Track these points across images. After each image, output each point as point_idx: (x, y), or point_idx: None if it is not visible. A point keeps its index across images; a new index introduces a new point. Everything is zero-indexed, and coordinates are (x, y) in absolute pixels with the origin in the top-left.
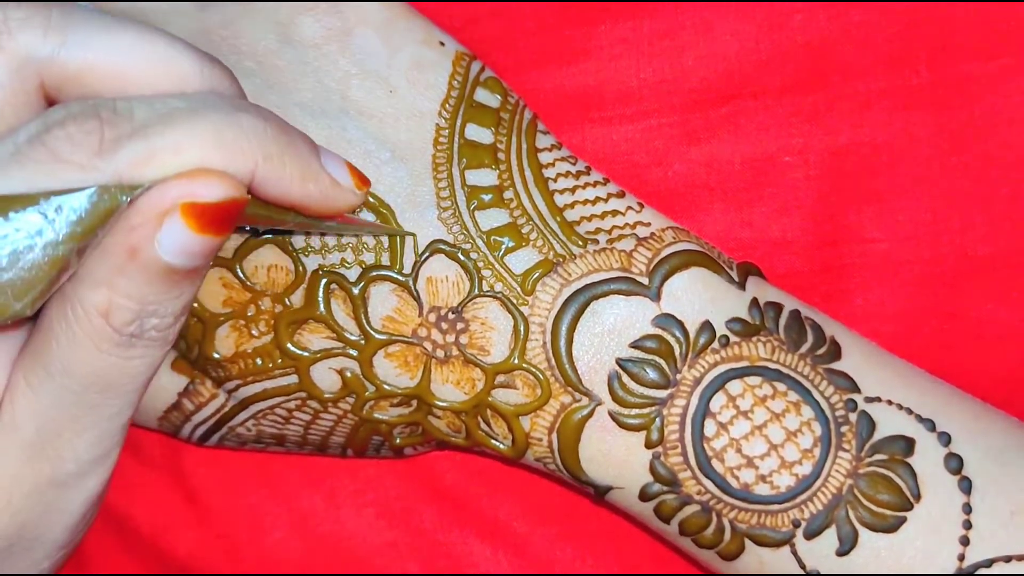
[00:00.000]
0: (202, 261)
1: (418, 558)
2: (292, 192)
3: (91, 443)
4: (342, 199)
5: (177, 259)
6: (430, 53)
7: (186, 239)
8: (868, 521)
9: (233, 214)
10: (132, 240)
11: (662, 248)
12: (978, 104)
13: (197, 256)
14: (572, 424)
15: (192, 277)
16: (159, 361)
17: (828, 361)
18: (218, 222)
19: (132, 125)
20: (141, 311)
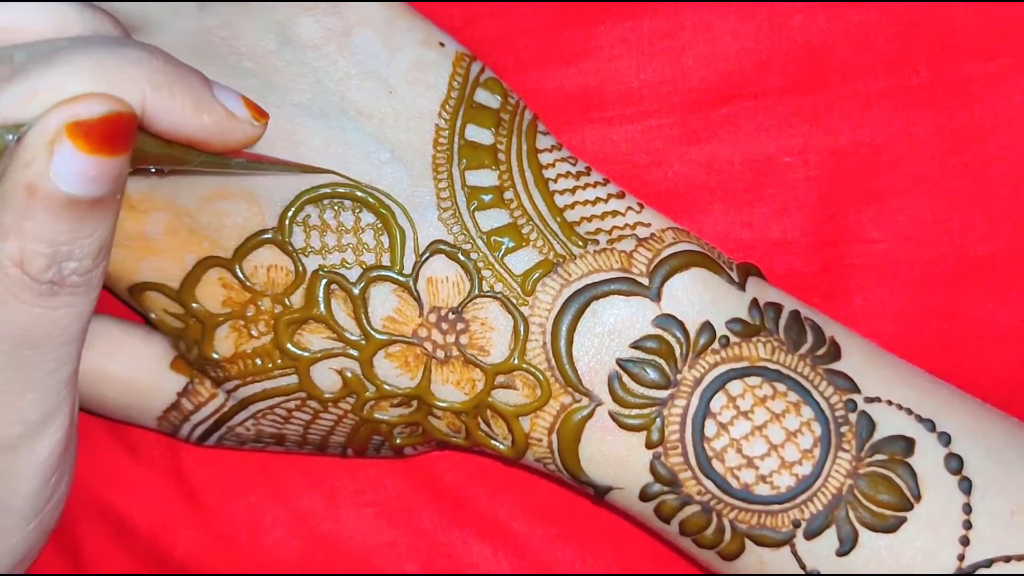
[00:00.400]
0: (104, 188)
1: (418, 558)
2: (186, 124)
3: (35, 402)
4: (239, 130)
5: (76, 187)
6: (430, 53)
7: (79, 163)
8: (868, 521)
9: (122, 130)
10: (27, 177)
11: (662, 249)
12: (978, 104)
13: (96, 182)
14: (572, 424)
15: (100, 209)
16: (87, 310)
17: (828, 361)
18: (107, 139)
19: (11, 68)
20: (55, 254)
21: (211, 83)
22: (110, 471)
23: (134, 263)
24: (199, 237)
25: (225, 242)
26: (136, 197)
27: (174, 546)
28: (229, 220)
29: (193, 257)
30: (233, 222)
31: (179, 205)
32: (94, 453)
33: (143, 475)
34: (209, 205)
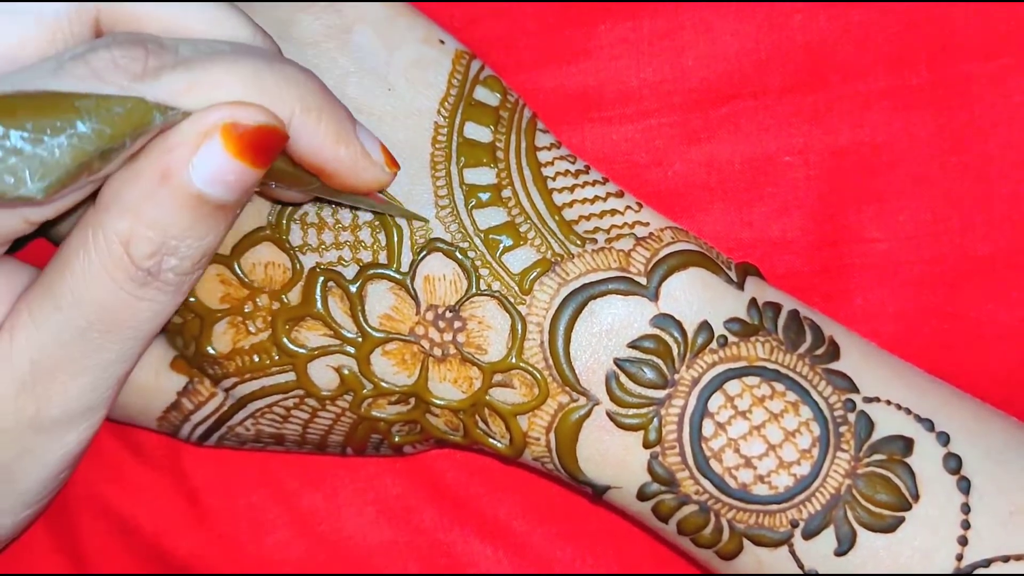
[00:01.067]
0: (232, 196)
1: (418, 557)
2: (324, 151)
3: (83, 389)
4: (370, 172)
5: (209, 187)
6: (429, 51)
7: (222, 164)
8: (866, 521)
9: (272, 145)
10: (166, 162)
11: (660, 248)
12: (978, 104)
13: (230, 187)
14: (570, 424)
15: (219, 215)
16: (167, 312)
17: (827, 361)
18: (256, 149)
19: (176, 58)
20: (163, 245)
21: (356, 122)
22: (112, 471)
23: None
24: None
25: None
26: None
27: (176, 546)
28: None
29: None
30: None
31: None
32: (96, 453)
33: (145, 475)
34: None
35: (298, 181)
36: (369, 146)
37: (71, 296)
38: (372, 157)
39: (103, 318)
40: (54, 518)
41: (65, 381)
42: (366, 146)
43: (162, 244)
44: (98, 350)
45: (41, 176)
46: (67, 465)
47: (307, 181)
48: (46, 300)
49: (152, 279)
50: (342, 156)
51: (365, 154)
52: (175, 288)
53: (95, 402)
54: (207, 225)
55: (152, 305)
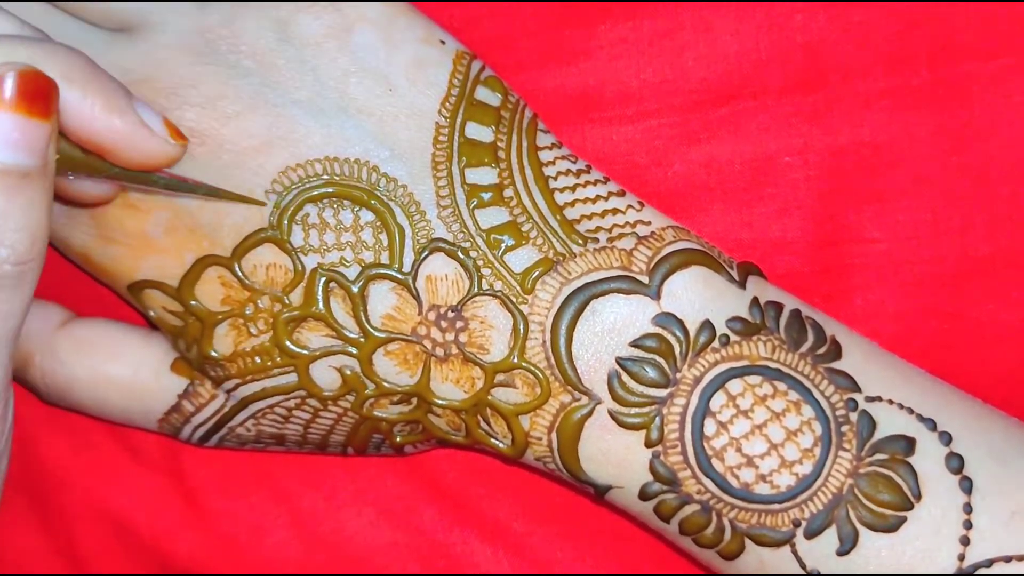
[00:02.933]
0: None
1: (418, 558)
2: (96, 122)
3: None
4: (152, 144)
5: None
6: (430, 51)
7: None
8: (868, 521)
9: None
10: None
11: (662, 247)
12: (978, 104)
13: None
14: (572, 423)
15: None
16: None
17: (829, 360)
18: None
19: None
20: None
21: (133, 96)
22: (111, 473)
23: (134, 261)
24: (199, 236)
25: (224, 240)
26: (136, 196)
27: (175, 547)
28: (228, 219)
29: (192, 255)
30: (232, 221)
31: (179, 204)
32: (95, 455)
33: (144, 477)
34: (209, 204)
35: (90, 167)
36: (148, 118)
37: None
38: (152, 129)
39: None
40: (52, 521)
41: None
42: (144, 118)
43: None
44: None
45: None
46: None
47: (99, 166)
48: None
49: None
50: (117, 127)
51: (142, 124)
52: (17, 279)
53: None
54: (22, 199)
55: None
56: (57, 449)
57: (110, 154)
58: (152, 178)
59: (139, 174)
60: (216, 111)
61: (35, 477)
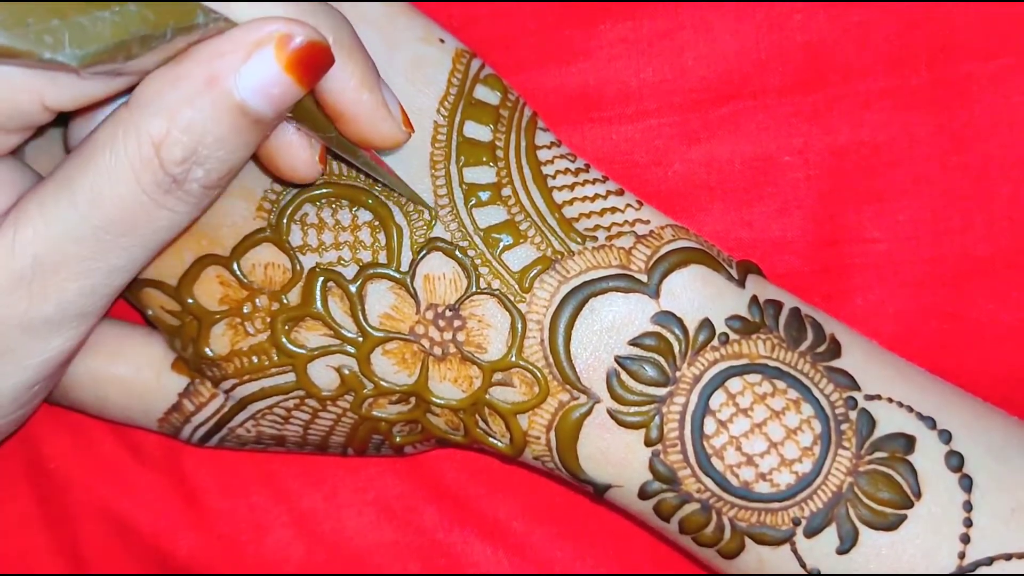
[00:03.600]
0: (274, 111)
1: (418, 557)
2: (348, 92)
3: (82, 292)
4: (387, 126)
5: (253, 98)
6: (429, 50)
7: (271, 75)
8: (868, 519)
9: (320, 64)
10: (214, 67)
11: (661, 245)
12: (978, 104)
13: (273, 101)
14: (570, 422)
15: (255, 130)
16: (182, 225)
17: (828, 359)
18: (306, 66)
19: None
20: (194, 152)
21: (381, 78)
22: (112, 472)
23: None
24: (197, 235)
25: (223, 240)
26: None
27: (176, 547)
28: (228, 218)
29: (191, 254)
30: (231, 220)
31: None
32: (95, 454)
33: (145, 476)
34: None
35: (317, 124)
36: (391, 101)
37: (91, 192)
38: (391, 111)
39: (121, 219)
40: (53, 520)
41: (66, 280)
42: (388, 100)
43: (194, 151)
44: (107, 252)
45: (80, 44)
46: (45, 375)
47: (325, 126)
48: (61, 195)
49: (176, 187)
50: (364, 101)
51: (385, 105)
52: (196, 200)
53: (89, 308)
54: (241, 138)
55: (171, 215)
56: (58, 448)
57: (346, 123)
58: (359, 154)
59: (351, 146)
60: None
61: (36, 476)
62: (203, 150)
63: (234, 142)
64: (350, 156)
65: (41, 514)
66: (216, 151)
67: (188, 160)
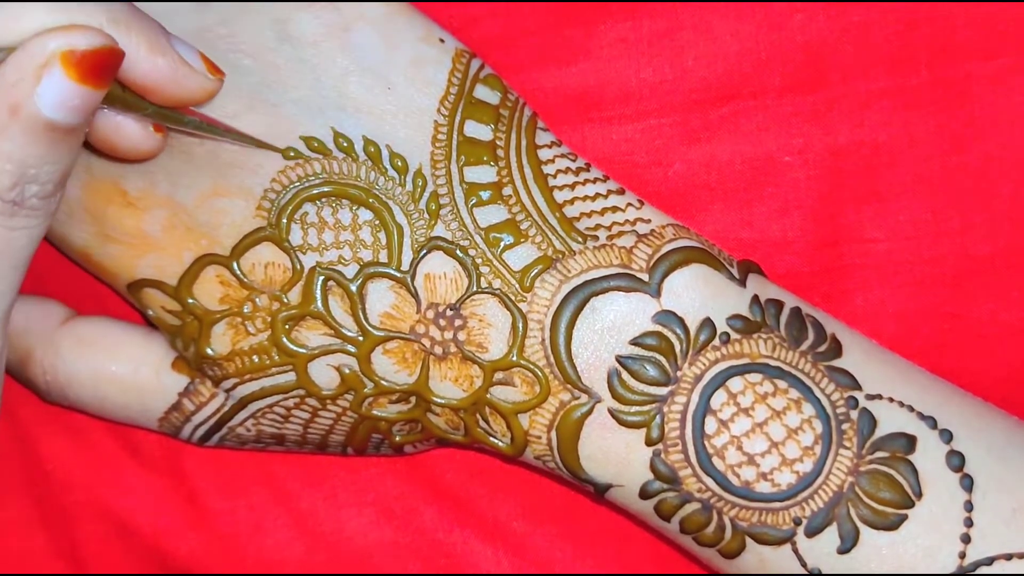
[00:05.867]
0: (81, 118)
1: (419, 558)
2: (141, 63)
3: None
4: (193, 80)
5: (58, 113)
6: (429, 50)
7: (67, 90)
8: (869, 519)
9: (110, 64)
10: (12, 97)
11: (662, 244)
12: (978, 104)
13: (77, 111)
14: (571, 422)
15: (71, 138)
16: (39, 235)
17: (829, 358)
18: (97, 71)
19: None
20: (22, 175)
21: (170, 35)
22: (111, 472)
23: (132, 260)
24: (197, 234)
25: (223, 239)
26: (135, 194)
27: (176, 547)
28: (227, 218)
29: (191, 254)
30: (231, 220)
31: (177, 202)
32: (96, 455)
33: (144, 476)
34: (207, 203)
35: (129, 105)
36: (187, 55)
37: None
38: (192, 65)
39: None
40: (52, 520)
41: None
42: (183, 55)
43: (21, 175)
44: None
45: None
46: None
47: (138, 104)
48: None
49: (18, 208)
50: (160, 65)
51: (183, 62)
52: (43, 211)
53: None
54: (61, 150)
55: (26, 232)
56: (58, 448)
57: (152, 93)
58: (185, 119)
59: (173, 113)
60: (215, 110)
61: (36, 477)
62: (30, 171)
63: (55, 155)
64: (179, 123)
65: (40, 514)
66: (42, 167)
67: (19, 183)
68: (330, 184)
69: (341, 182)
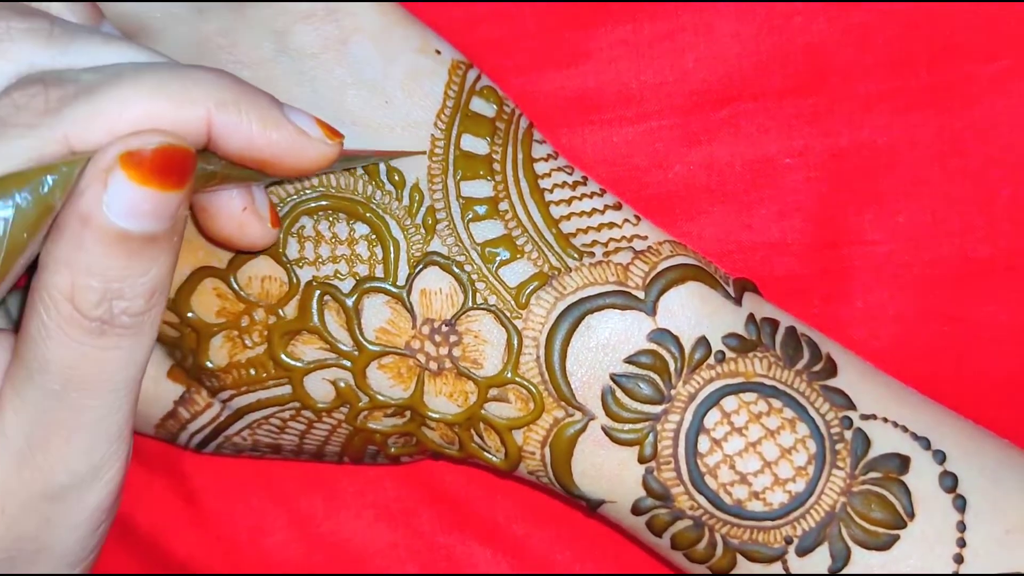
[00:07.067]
0: (157, 225)
1: (417, 560)
2: (256, 140)
3: (82, 451)
4: (312, 149)
5: (128, 221)
6: (426, 62)
7: (131, 194)
8: (861, 539)
9: (176, 162)
10: (81, 207)
11: (659, 262)
12: (978, 106)
13: (149, 217)
14: (565, 439)
15: (154, 247)
16: (141, 355)
17: (824, 378)
18: (161, 172)
19: (77, 87)
20: (106, 290)
21: (282, 104)
22: None
23: None
24: (194, 247)
25: (220, 252)
26: None
27: (175, 547)
28: None
29: (188, 267)
30: None
31: None
32: None
33: (145, 476)
34: None
35: (248, 179)
36: (303, 124)
37: (37, 362)
38: (310, 134)
39: (74, 378)
40: None
41: (61, 447)
42: (300, 124)
43: (105, 290)
44: (81, 410)
45: None
46: (99, 521)
47: (257, 178)
48: (20, 371)
49: (108, 327)
50: (276, 140)
51: (300, 132)
52: (135, 330)
53: (101, 459)
54: (145, 259)
55: (119, 353)
56: None
57: (271, 167)
58: None
59: None
60: None
61: None
62: (114, 284)
63: (139, 265)
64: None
65: None
66: (126, 280)
67: (104, 299)
68: (327, 198)
69: (338, 196)
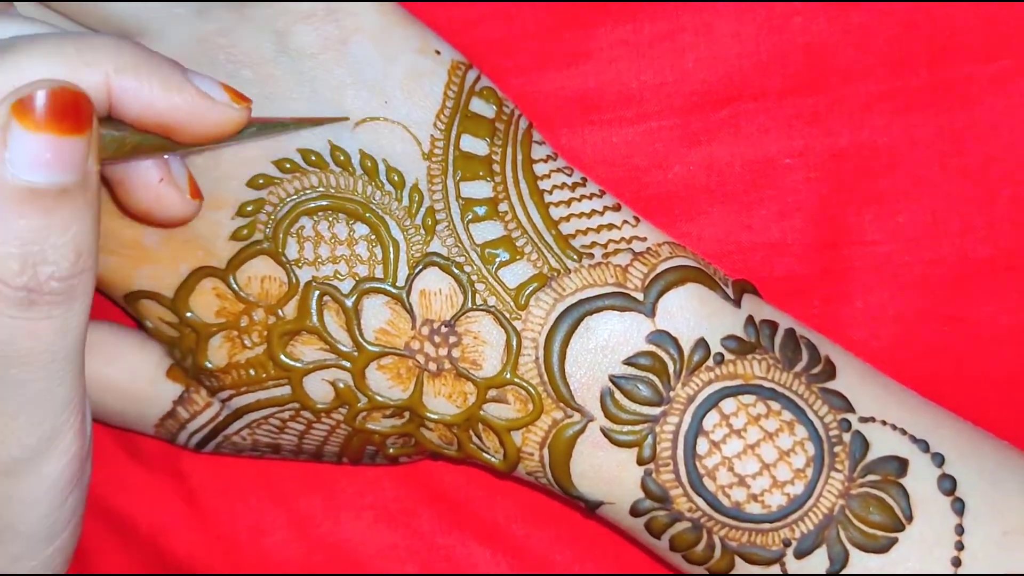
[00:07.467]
0: (65, 175)
1: (417, 560)
2: (157, 103)
3: (29, 425)
4: (217, 113)
5: (32, 173)
6: (426, 62)
7: (31, 144)
8: (859, 541)
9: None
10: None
11: (658, 263)
12: (978, 106)
13: (54, 166)
14: (563, 440)
15: (68, 202)
16: (75, 322)
17: (823, 380)
18: (57, 115)
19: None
20: (26, 254)
21: (186, 69)
22: (111, 472)
23: (129, 271)
24: (193, 247)
25: (219, 252)
26: None
27: (175, 547)
28: (223, 230)
29: (187, 267)
30: (227, 232)
31: None
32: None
33: (144, 476)
34: (203, 215)
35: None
36: (208, 88)
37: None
38: (214, 98)
39: (8, 353)
40: None
41: (8, 423)
42: (204, 88)
43: (25, 254)
44: (21, 384)
45: None
46: (63, 494)
47: (170, 147)
48: None
49: (36, 295)
50: (178, 104)
51: (203, 96)
52: (66, 295)
53: (51, 430)
54: (62, 216)
55: (52, 323)
56: None
57: (178, 132)
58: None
59: None
60: None
61: None
62: (33, 247)
63: (57, 223)
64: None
65: None
66: (47, 240)
67: (28, 265)
68: (327, 198)
69: (338, 196)
